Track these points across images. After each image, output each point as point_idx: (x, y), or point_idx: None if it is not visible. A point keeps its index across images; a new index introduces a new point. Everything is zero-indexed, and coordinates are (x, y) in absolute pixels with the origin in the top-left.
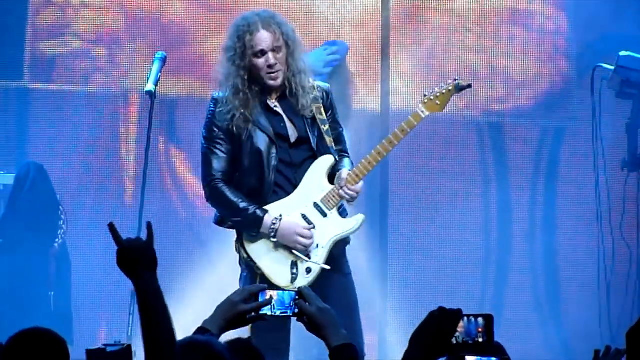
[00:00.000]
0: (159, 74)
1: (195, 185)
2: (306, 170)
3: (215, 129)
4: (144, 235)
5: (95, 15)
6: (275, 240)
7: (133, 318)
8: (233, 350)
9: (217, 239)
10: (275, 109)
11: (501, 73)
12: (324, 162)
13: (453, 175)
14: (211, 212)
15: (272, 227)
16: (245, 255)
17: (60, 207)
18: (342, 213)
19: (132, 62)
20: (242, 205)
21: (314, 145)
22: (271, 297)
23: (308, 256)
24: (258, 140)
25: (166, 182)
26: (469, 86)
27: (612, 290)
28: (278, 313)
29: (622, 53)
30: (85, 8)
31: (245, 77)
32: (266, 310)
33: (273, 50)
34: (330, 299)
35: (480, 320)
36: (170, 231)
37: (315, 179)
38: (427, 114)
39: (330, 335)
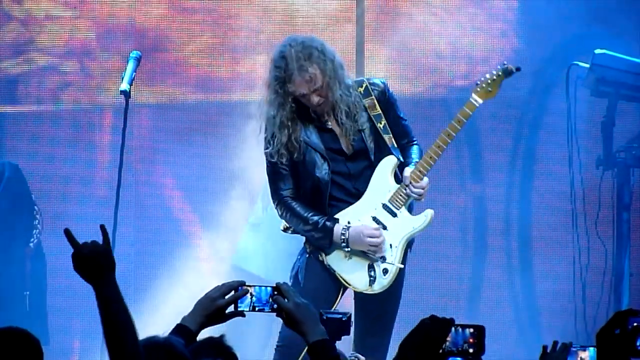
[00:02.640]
0: (134, 73)
1: (173, 186)
2: (366, 179)
3: (274, 153)
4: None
5: (62, 27)
6: (348, 250)
7: None
8: (205, 349)
9: (198, 237)
10: (327, 125)
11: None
12: (387, 163)
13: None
14: (192, 213)
15: (342, 237)
16: (326, 263)
17: (35, 207)
18: (411, 210)
19: (106, 72)
20: (313, 218)
21: (371, 155)
22: (249, 292)
23: (383, 258)
24: (309, 158)
25: (142, 180)
26: (518, 69)
27: (587, 288)
28: (257, 308)
29: (598, 51)
30: (51, 20)
31: (290, 111)
32: (244, 307)
33: (313, 92)
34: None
35: (468, 331)
36: (149, 228)
37: (381, 181)
38: (481, 101)
39: (308, 331)
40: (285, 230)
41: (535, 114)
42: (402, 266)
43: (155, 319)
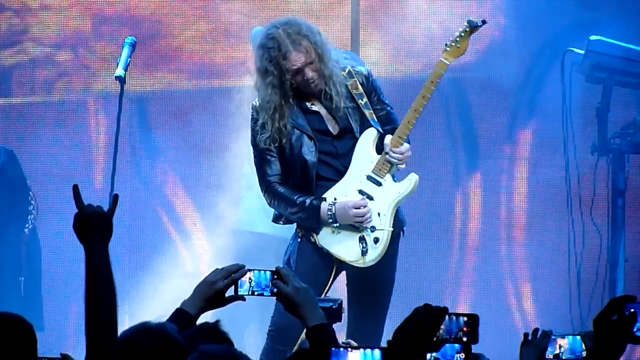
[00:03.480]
0: (129, 58)
1: (168, 172)
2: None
3: (260, 141)
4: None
5: (58, 17)
6: (337, 225)
7: None
8: (201, 335)
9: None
10: (312, 108)
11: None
12: (368, 135)
13: (420, 146)
14: (187, 198)
15: (329, 213)
16: (317, 244)
17: (30, 193)
18: (395, 179)
19: (102, 60)
20: (299, 199)
21: (357, 133)
22: (248, 275)
23: (372, 227)
24: (296, 140)
25: (139, 168)
26: (484, 22)
27: (583, 275)
28: (256, 293)
29: (593, 37)
30: (46, 11)
31: (282, 94)
32: (244, 290)
33: (309, 65)
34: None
35: (462, 319)
36: (143, 215)
37: (363, 154)
38: (452, 59)
39: (306, 315)
40: (275, 220)
41: (530, 99)
42: (391, 229)
43: (155, 302)
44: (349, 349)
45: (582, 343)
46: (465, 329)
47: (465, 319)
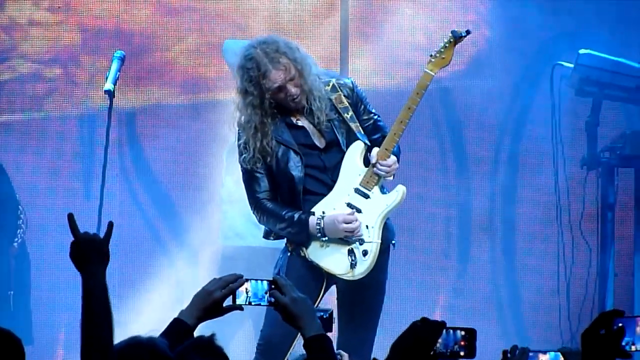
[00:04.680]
0: (118, 72)
1: (156, 186)
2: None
3: (244, 160)
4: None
5: (47, 32)
6: (325, 239)
7: None
8: (195, 349)
9: (189, 231)
10: (298, 123)
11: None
12: (355, 149)
13: (413, 158)
14: (173, 211)
15: (318, 227)
16: (307, 258)
17: (20, 207)
18: (383, 191)
19: (92, 76)
20: (287, 214)
21: (343, 146)
22: (245, 285)
23: (361, 240)
24: (282, 155)
25: (128, 181)
26: (468, 32)
27: (572, 289)
28: (253, 303)
29: (582, 51)
30: (35, 26)
31: (263, 113)
32: (241, 301)
33: (289, 81)
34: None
35: (459, 333)
36: (133, 228)
37: (350, 167)
38: (437, 70)
39: (304, 326)
40: (266, 237)
41: (519, 112)
42: (378, 241)
43: (142, 316)
44: None
45: (561, 359)
46: (462, 342)
47: (463, 333)
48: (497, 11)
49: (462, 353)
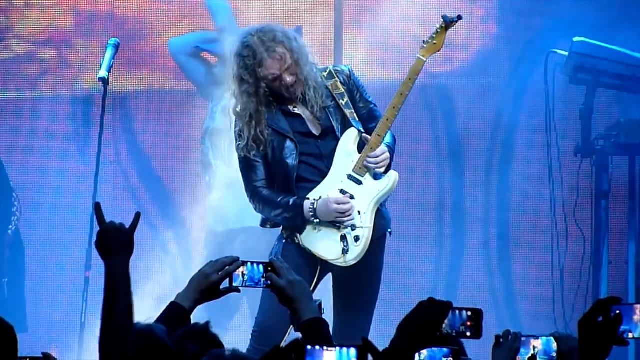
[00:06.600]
0: (112, 60)
1: (150, 172)
2: None
3: (239, 148)
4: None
5: (42, 14)
6: (318, 221)
7: (86, 305)
8: (190, 336)
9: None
10: (294, 111)
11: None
12: (349, 135)
13: (408, 149)
14: (167, 197)
15: (311, 208)
16: (301, 244)
17: (14, 194)
18: (377, 177)
19: (85, 61)
20: (282, 200)
21: (338, 133)
22: (241, 269)
23: (353, 226)
24: (278, 143)
25: (121, 167)
26: (460, 17)
27: (566, 277)
28: (250, 285)
29: (576, 39)
30: (30, 8)
31: (258, 102)
32: (238, 283)
33: (285, 71)
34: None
35: (466, 313)
36: (128, 214)
37: (344, 154)
38: (428, 55)
39: (300, 309)
40: (263, 225)
41: (514, 100)
42: (370, 225)
43: (144, 296)
44: (325, 348)
45: (554, 344)
46: (468, 323)
47: (469, 313)
48: (502, 3)
49: (468, 333)
